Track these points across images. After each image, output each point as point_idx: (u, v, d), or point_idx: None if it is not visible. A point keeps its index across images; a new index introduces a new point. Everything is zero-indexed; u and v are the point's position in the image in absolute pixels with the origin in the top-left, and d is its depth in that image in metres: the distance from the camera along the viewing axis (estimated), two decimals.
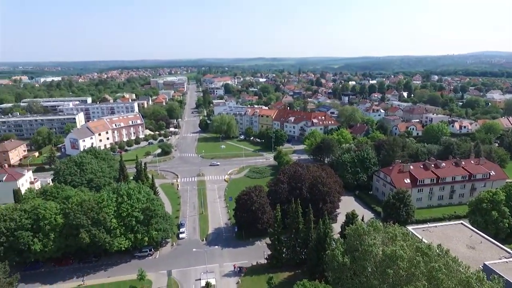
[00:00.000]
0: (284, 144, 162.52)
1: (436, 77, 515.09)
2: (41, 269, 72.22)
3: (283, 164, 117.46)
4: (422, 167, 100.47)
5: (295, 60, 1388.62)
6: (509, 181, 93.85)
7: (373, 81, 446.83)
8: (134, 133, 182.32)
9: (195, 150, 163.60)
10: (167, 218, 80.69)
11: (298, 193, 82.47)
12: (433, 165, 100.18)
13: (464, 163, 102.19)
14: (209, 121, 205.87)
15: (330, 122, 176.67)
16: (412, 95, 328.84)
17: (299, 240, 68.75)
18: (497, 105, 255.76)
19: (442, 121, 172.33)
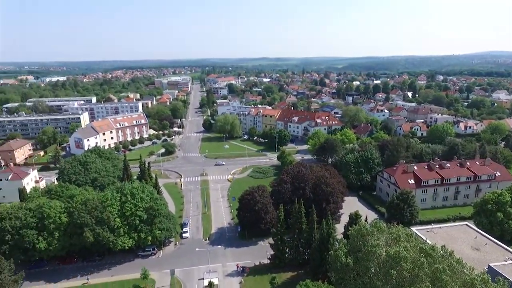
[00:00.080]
0: (287, 144, 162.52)
1: (441, 77, 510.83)
2: (45, 267, 72.73)
3: (287, 164, 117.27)
4: (426, 167, 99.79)
5: (299, 60, 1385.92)
6: None
7: (378, 81, 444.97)
8: (138, 132, 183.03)
9: (198, 150, 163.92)
10: (170, 217, 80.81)
11: (301, 193, 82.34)
12: (437, 166, 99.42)
13: (469, 164, 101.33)
14: (212, 121, 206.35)
15: (334, 122, 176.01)
16: (417, 95, 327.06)
17: (302, 240, 68.62)
18: (503, 105, 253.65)
19: (447, 122, 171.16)
